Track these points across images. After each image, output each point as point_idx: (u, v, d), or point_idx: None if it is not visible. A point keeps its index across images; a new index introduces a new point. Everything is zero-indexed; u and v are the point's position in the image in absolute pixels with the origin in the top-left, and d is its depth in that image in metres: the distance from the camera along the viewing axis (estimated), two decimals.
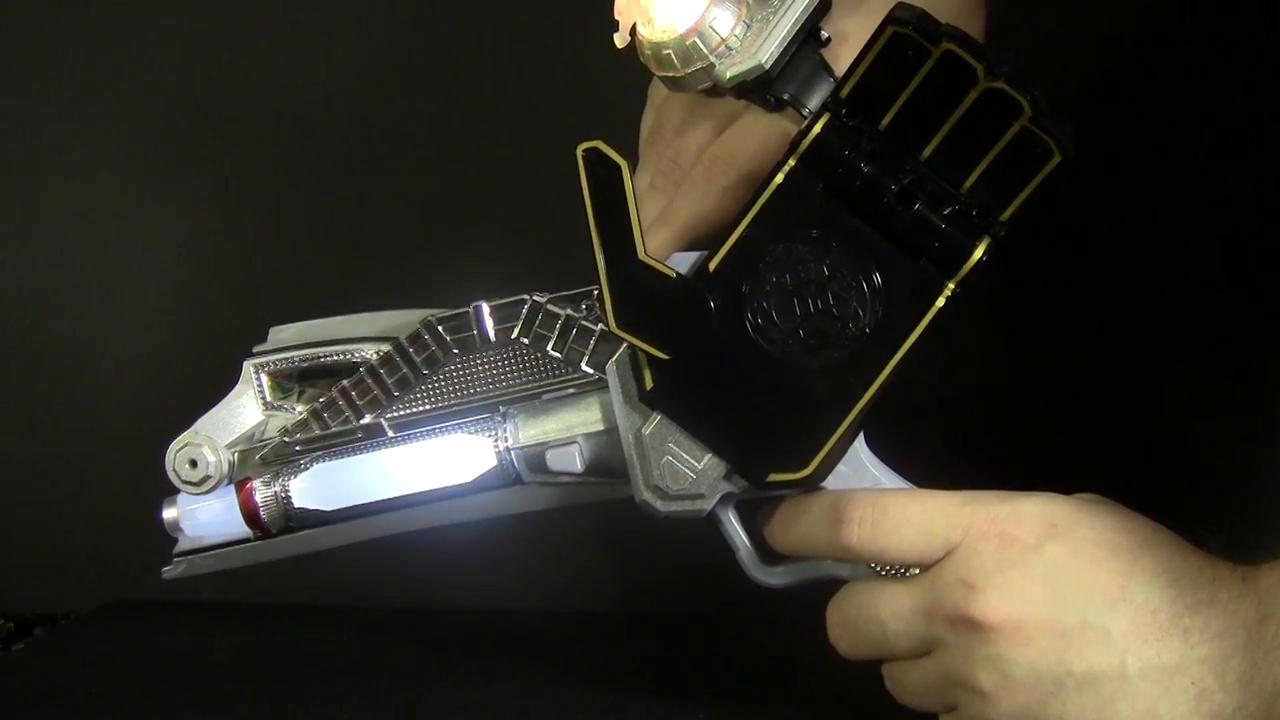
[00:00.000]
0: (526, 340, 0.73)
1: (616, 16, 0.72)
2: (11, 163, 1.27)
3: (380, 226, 1.18)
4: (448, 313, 0.73)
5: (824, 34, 0.71)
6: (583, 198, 0.68)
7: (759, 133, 0.74)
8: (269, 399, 0.76)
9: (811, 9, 0.70)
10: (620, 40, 0.72)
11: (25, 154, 1.26)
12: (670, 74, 0.72)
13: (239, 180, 1.22)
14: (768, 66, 0.70)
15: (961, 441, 0.78)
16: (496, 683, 0.89)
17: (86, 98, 1.24)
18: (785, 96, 0.71)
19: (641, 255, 0.68)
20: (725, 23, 0.70)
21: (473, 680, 0.90)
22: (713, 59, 0.70)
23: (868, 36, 0.67)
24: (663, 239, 0.74)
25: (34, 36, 1.23)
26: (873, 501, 0.69)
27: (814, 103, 0.70)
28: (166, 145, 1.23)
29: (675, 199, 0.75)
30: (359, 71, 1.18)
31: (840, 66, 0.70)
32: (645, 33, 0.71)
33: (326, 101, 1.19)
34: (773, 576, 0.73)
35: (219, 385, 0.77)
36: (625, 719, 0.82)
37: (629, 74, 0.74)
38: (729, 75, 0.70)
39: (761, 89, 0.71)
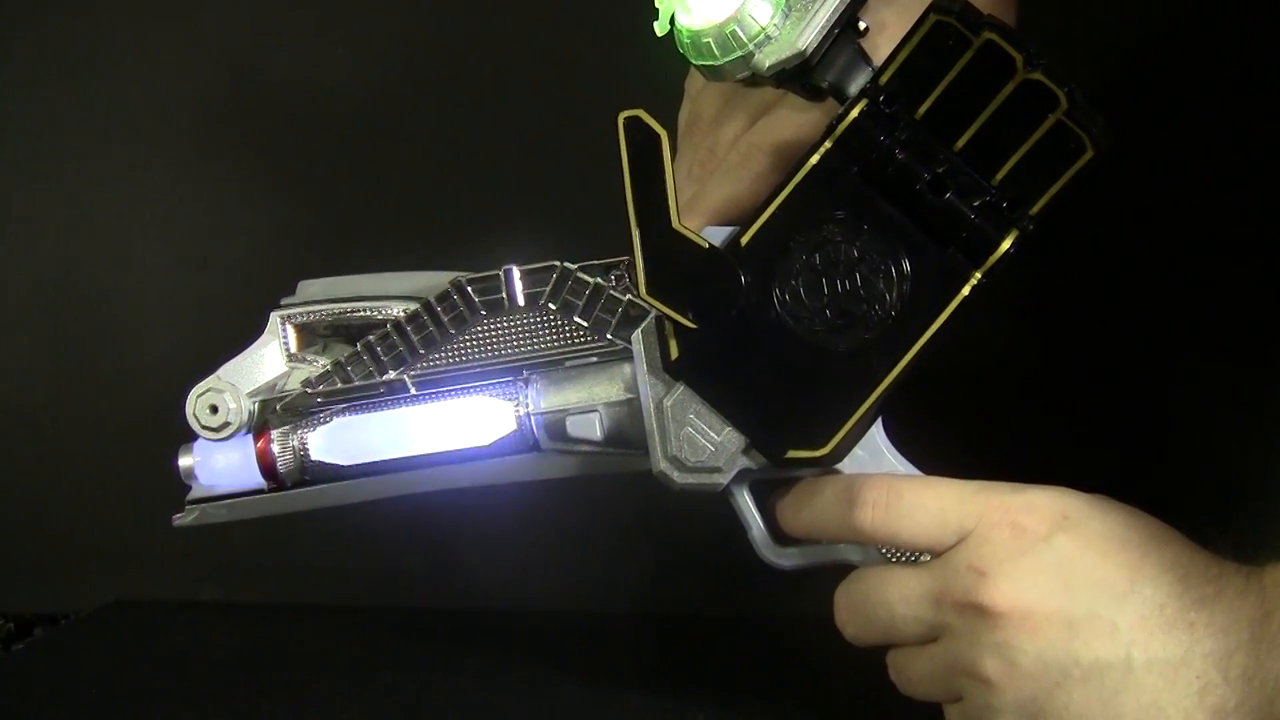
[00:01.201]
0: (554, 306, 0.73)
1: (657, 5, 0.73)
2: (39, 132, 1.27)
3: (415, 194, 1.19)
4: (478, 275, 0.74)
5: (862, 24, 0.73)
6: (621, 164, 0.69)
7: (794, 122, 0.76)
8: (293, 351, 0.76)
9: None
10: (660, 28, 0.73)
11: (55, 123, 1.27)
12: (709, 63, 0.73)
13: (271, 152, 1.23)
14: (808, 54, 0.71)
15: (967, 440, 0.78)
16: (497, 682, 0.89)
17: (116, 67, 1.25)
18: (824, 84, 0.72)
19: (675, 224, 0.69)
20: (764, 11, 0.71)
21: (473, 680, 0.90)
22: (751, 47, 0.71)
23: (905, 27, 0.68)
24: (695, 223, 0.74)
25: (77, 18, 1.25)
26: (888, 485, 0.69)
27: (853, 91, 0.71)
28: (201, 113, 1.23)
29: (708, 183, 0.77)
30: (395, 41, 1.19)
31: (878, 56, 0.71)
32: (684, 21, 0.73)
33: (363, 69, 1.20)
34: (784, 558, 0.73)
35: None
36: (626, 718, 0.81)
37: (668, 47, 0.75)
38: (769, 64, 0.71)
39: (800, 77, 0.72)
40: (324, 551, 0.98)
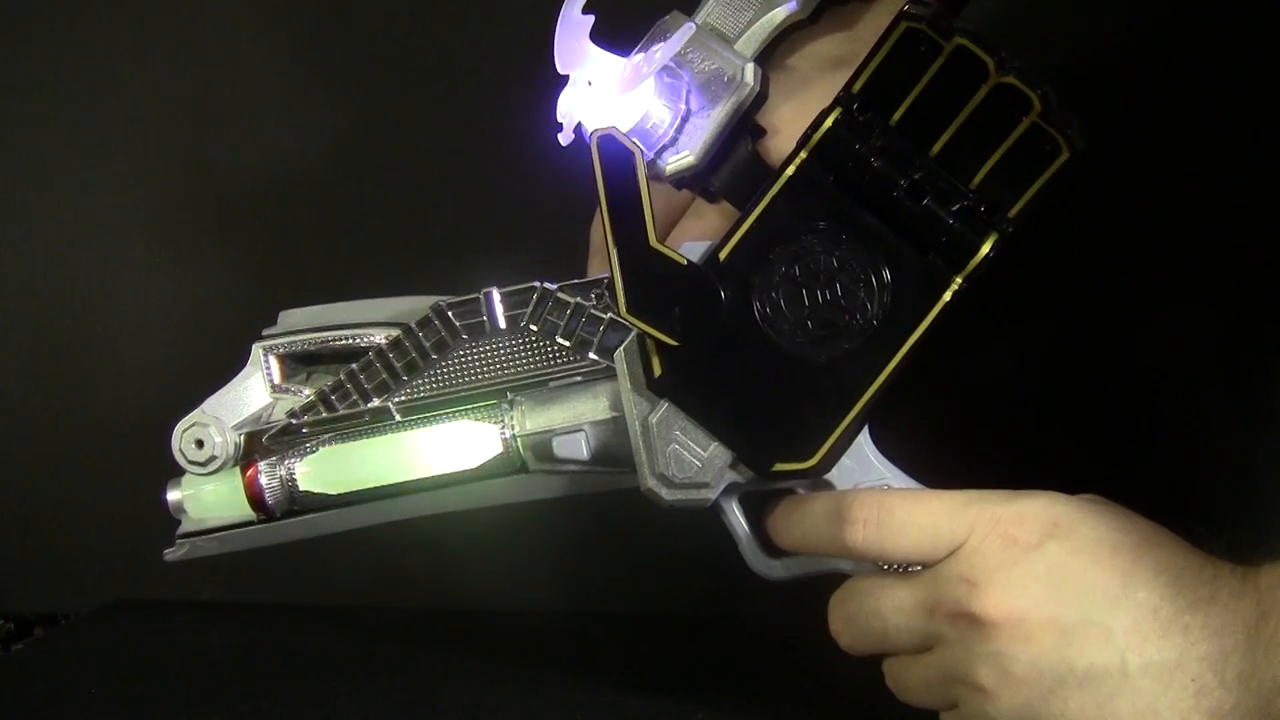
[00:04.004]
0: (535, 327, 0.73)
1: (559, 118, 0.73)
2: (35, 135, 1.27)
3: (394, 219, 1.19)
4: (458, 298, 0.73)
5: (761, 126, 0.74)
6: (596, 184, 0.68)
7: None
8: (277, 382, 0.76)
9: (746, 104, 0.72)
10: (565, 139, 0.73)
11: (34, 143, 1.26)
12: None
13: (249, 172, 1.22)
14: (695, 161, 0.72)
15: (962, 441, 0.78)
16: (496, 683, 0.89)
17: (91, 91, 1.24)
18: (717, 190, 0.73)
19: (653, 242, 0.68)
20: (664, 119, 0.72)
21: (472, 680, 0.89)
22: (652, 155, 0.73)
23: (800, 127, 0.69)
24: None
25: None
26: (878, 502, 0.69)
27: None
28: (177, 131, 1.23)
29: None
30: (372, 63, 1.18)
31: (773, 159, 0.73)
32: (590, 129, 0.72)
33: (339, 90, 1.19)
34: (775, 569, 0.73)
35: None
36: (625, 719, 0.81)
37: None
38: (669, 170, 0.73)
39: (697, 182, 0.74)
40: (323, 552, 0.98)
